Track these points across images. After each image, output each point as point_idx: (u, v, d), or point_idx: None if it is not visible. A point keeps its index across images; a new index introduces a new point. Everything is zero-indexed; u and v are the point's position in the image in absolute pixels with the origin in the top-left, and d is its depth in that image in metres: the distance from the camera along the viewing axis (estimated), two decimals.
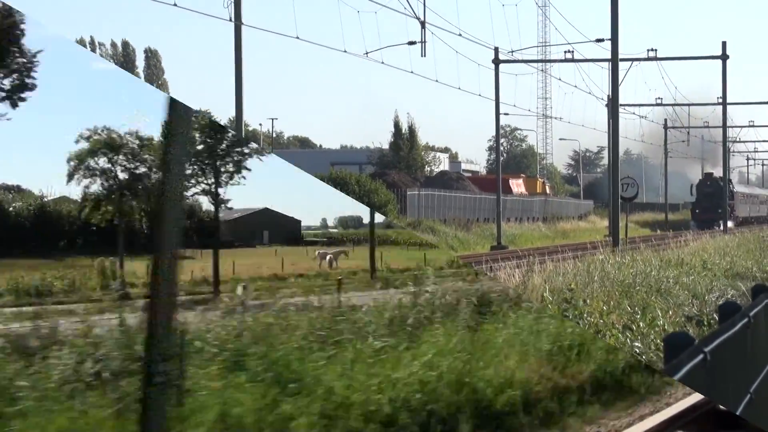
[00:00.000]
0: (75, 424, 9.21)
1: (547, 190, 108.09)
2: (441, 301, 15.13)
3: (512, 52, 60.25)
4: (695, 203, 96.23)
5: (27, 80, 17.07)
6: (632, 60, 61.48)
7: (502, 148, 73.72)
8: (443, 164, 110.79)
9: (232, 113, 44.27)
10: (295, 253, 22.27)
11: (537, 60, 71.81)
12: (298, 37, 38.93)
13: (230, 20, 33.80)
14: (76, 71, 19.19)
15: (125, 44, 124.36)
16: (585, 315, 19.38)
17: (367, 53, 43.56)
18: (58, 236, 19.89)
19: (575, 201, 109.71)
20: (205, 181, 17.28)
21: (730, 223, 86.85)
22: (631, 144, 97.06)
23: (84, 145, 17.74)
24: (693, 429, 12.25)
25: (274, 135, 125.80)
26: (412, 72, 47.81)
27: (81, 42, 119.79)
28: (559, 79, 66.54)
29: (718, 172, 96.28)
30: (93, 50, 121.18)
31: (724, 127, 76.48)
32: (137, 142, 17.79)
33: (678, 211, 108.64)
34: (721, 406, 10.31)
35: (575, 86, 63.86)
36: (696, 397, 12.47)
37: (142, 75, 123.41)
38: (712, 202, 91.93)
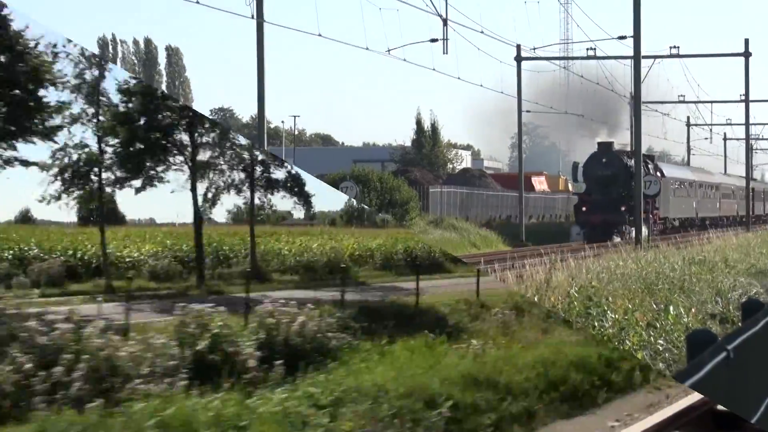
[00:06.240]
0: None
1: (570, 188, 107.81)
2: None
3: (534, 49, 60.20)
4: (582, 195, 56.55)
5: None
6: (654, 57, 61.44)
7: (524, 146, 73.51)
8: (465, 161, 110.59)
9: (254, 111, 44.43)
10: None
11: (559, 57, 71.52)
12: (320, 35, 38.98)
13: (252, 17, 33.89)
14: None
15: (147, 42, 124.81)
16: (608, 312, 19.42)
17: (389, 50, 43.57)
18: None
19: None
20: None
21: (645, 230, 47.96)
22: (654, 141, 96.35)
23: None
24: (693, 429, 12.25)
25: (296, 132, 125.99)
26: (434, 69, 47.80)
27: (103, 40, 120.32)
28: (581, 77, 66.10)
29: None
30: (114, 48, 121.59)
31: (747, 124, 76.30)
32: None
33: None
34: (732, 405, 10.34)
35: (597, 83, 63.66)
36: (696, 396, 12.46)
37: (164, 73, 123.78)
38: (612, 194, 54.22)
